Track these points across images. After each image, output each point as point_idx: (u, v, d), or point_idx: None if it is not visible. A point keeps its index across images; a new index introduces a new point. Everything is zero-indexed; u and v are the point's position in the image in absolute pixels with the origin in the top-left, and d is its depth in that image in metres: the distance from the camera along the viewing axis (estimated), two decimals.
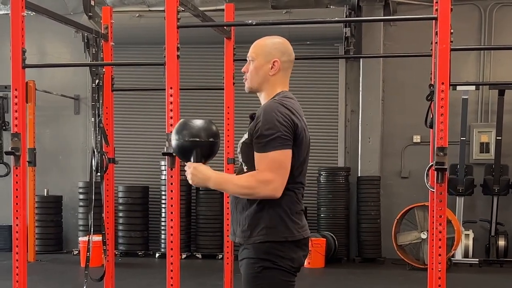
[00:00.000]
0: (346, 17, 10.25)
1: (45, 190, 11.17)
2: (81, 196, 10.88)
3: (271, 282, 2.96)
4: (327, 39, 10.81)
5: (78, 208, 11.03)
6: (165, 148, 4.47)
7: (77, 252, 10.55)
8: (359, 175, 10.64)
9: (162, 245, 10.49)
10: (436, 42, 4.28)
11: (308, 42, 10.81)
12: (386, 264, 10.21)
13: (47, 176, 11.41)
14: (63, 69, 11.72)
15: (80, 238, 10.27)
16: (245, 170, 3.06)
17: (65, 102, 11.58)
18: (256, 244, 2.99)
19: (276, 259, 2.95)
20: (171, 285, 4.42)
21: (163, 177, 10.47)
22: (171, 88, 4.48)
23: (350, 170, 10.70)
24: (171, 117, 4.46)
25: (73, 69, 11.51)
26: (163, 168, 10.39)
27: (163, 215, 10.49)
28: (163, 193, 10.48)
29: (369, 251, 10.38)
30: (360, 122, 10.82)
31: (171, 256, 4.43)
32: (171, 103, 4.47)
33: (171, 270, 4.42)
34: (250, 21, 4.66)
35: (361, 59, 10.87)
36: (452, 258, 9.64)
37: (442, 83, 4.19)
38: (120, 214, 10.82)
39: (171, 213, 4.44)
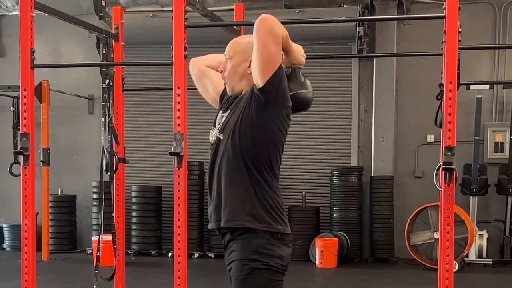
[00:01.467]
0: (359, 16, 10.22)
1: (59, 189, 11.23)
2: (94, 196, 10.92)
3: (262, 283, 2.92)
4: (341, 38, 10.77)
5: (92, 208, 11.08)
6: (172, 147, 4.48)
7: (90, 251, 10.59)
8: (372, 175, 10.60)
9: None
10: (445, 41, 4.26)
11: (321, 42, 10.79)
12: (399, 264, 10.17)
13: (61, 176, 11.48)
14: (77, 69, 11.78)
15: (93, 238, 10.32)
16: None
17: (79, 102, 11.64)
18: (248, 232, 2.95)
19: (265, 258, 2.92)
20: (178, 284, 4.43)
21: None
22: (178, 88, 4.49)
23: (363, 170, 10.66)
24: (178, 117, 4.46)
25: (87, 69, 11.56)
26: None
27: None
28: None
29: (382, 251, 10.34)
30: (373, 121, 10.77)
31: (179, 256, 4.44)
32: (178, 103, 4.47)
33: (178, 270, 4.43)
34: None
35: (374, 58, 10.82)
36: (465, 258, 9.57)
37: (450, 82, 4.17)
38: (134, 214, 10.86)
39: (179, 212, 4.46)
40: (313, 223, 10.53)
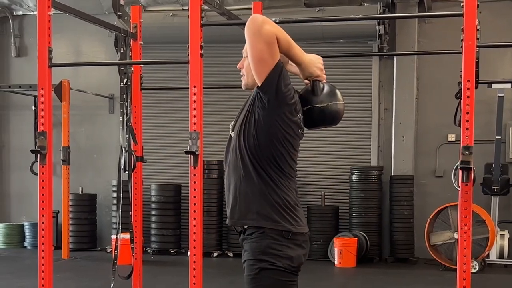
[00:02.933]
0: (379, 14, 10.17)
1: (80, 188, 11.30)
2: (114, 195, 10.94)
3: (270, 283, 2.91)
4: (361, 37, 10.74)
5: (112, 206, 11.14)
6: (188, 146, 4.47)
7: (110, 249, 10.65)
8: (392, 174, 10.54)
9: None
10: (463, 39, 4.21)
11: (341, 40, 10.77)
12: (419, 264, 10.10)
13: (82, 175, 11.54)
14: (97, 68, 11.82)
15: (112, 236, 10.37)
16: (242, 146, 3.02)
17: (99, 101, 11.71)
18: (257, 232, 2.94)
19: (273, 259, 2.90)
20: (194, 283, 4.42)
21: None
22: (194, 86, 4.48)
23: (383, 169, 10.60)
24: (194, 116, 4.45)
25: (108, 68, 11.57)
26: None
27: None
28: None
29: (402, 251, 10.28)
30: (393, 120, 10.72)
31: (194, 255, 4.42)
32: (194, 101, 4.46)
33: (194, 269, 4.42)
34: (273, 19, 4.60)
35: (395, 57, 10.76)
36: (486, 259, 9.49)
37: (468, 81, 4.12)
38: (153, 213, 10.89)
39: (194, 211, 4.43)
40: (332, 223, 10.49)
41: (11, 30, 12.15)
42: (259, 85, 2.91)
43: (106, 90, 11.65)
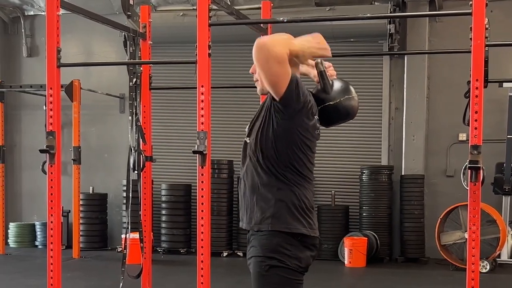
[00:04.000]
0: (390, 13, 10.14)
1: (91, 188, 11.33)
2: (125, 194, 10.93)
3: (278, 281, 2.93)
4: (371, 36, 10.70)
5: (123, 206, 11.14)
6: (196, 146, 4.47)
7: (120, 249, 10.65)
8: (402, 174, 10.50)
9: None
10: (471, 38, 4.20)
11: (351, 40, 10.73)
12: (429, 264, 10.04)
13: (93, 174, 11.56)
14: (108, 68, 11.84)
15: (122, 236, 10.39)
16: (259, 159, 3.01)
17: (110, 101, 11.72)
18: (263, 235, 2.96)
19: (282, 257, 2.93)
20: (202, 283, 4.43)
21: None
22: (202, 86, 4.48)
23: (393, 169, 10.57)
24: (202, 115, 4.46)
25: (118, 68, 11.61)
26: None
27: None
28: None
29: (412, 251, 10.23)
30: (404, 119, 10.68)
31: (202, 255, 4.42)
32: (202, 101, 4.47)
33: (202, 268, 4.42)
34: (281, 19, 4.63)
35: (405, 56, 10.70)
36: (497, 259, 9.42)
37: (477, 80, 4.11)
38: (163, 212, 10.90)
39: (202, 211, 4.44)
40: (342, 222, 10.47)
41: (23, 30, 12.19)
42: (278, 100, 2.89)
43: (117, 90, 11.65)
